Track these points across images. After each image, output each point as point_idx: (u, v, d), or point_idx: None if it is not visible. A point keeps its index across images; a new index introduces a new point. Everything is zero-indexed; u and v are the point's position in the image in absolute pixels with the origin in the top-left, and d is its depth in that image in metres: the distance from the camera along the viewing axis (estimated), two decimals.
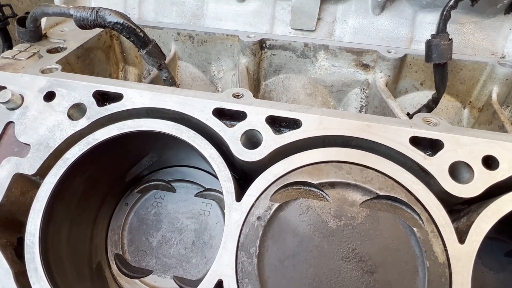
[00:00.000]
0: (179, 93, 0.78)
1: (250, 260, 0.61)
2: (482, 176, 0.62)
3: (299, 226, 0.64)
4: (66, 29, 1.16)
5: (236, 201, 0.65)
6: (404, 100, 1.15)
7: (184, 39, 1.21)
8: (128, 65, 1.32)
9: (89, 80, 0.81)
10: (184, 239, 1.00)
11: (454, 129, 0.67)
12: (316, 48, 1.11)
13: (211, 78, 1.29)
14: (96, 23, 0.88)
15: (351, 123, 0.69)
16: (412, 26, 1.09)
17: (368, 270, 0.60)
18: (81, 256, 0.89)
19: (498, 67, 1.00)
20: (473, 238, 0.58)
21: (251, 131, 0.71)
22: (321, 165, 0.67)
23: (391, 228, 0.62)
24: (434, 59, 0.90)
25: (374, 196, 0.64)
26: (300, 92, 1.20)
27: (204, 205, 1.03)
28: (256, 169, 0.69)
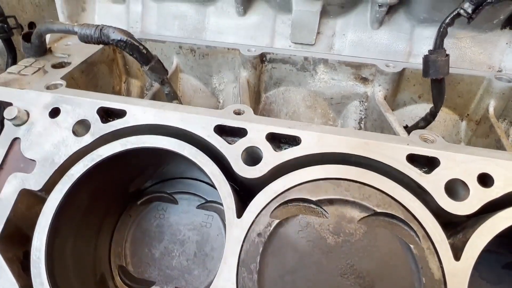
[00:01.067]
0: (182, 110, 0.80)
1: (251, 276, 0.63)
2: (478, 194, 0.63)
3: (299, 242, 0.65)
4: (70, 43, 1.18)
5: (237, 217, 0.67)
6: (403, 113, 1.17)
7: (186, 52, 1.23)
8: (131, 77, 1.34)
9: (93, 97, 0.83)
10: (186, 251, 1.01)
11: (450, 147, 0.69)
12: (315, 62, 1.13)
13: (213, 90, 1.31)
14: (100, 40, 0.91)
15: (350, 141, 0.71)
16: (410, 40, 1.11)
17: (366, 286, 0.61)
18: (85, 268, 0.91)
19: (495, 81, 1.01)
20: (469, 254, 0.60)
21: (252, 148, 0.73)
22: (320, 182, 0.68)
23: (388, 244, 0.63)
24: (431, 74, 0.92)
25: (371, 213, 0.65)
26: (300, 104, 1.22)
27: (205, 217, 1.04)
28: (257, 185, 0.70)
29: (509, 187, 0.64)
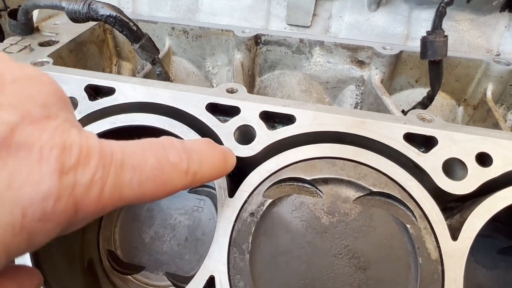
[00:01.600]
0: (173, 87, 0.77)
1: (242, 256, 0.61)
2: (476, 173, 0.62)
3: (292, 222, 0.63)
4: (59, 22, 1.14)
5: (229, 196, 0.65)
6: (399, 97, 1.15)
7: (179, 33, 1.20)
8: (122, 59, 1.31)
9: (81, 74, 0.80)
10: (177, 235, 0.99)
11: (448, 126, 0.67)
12: (311, 44, 1.11)
13: (206, 74, 1.28)
14: (88, 16, 0.87)
15: (345, 119, 0.69)
16: (408, 22, 1.09)
17: (360, 267, 0.60)
18: (72, 252, 0.89)
19: (493, 65, 1.00)
20: (466, 234, 0.58)
21: (245, 127, 0.71)
22: (314, 161, 0.66)
23: (384, 224, 0.62)
24: (429, 55, 0.90)
25: (367, 192, 0.64)
26: (295, 88, 1.19)
27: (197, 202, 1.02)
28: (250, 164, 0.68)
29: (508, 166, 0.62)
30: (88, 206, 0.34)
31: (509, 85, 1.01)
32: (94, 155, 0.35)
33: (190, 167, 0.44)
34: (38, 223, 0.31)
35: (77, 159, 0.33)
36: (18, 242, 0.30)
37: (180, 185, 0.44)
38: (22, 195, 0.29)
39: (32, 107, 0.33)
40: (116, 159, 0.36)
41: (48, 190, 0.30)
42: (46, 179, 0.31)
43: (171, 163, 0.42)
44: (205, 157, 0.48)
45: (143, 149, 0.41)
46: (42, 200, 0.30)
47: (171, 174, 0.42)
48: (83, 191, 0.33)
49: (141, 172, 0.38)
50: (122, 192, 0.37)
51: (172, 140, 0.45)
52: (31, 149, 0.31)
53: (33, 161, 0.30)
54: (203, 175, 0.47)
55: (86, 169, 0.33)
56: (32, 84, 0.35)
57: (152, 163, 0.40)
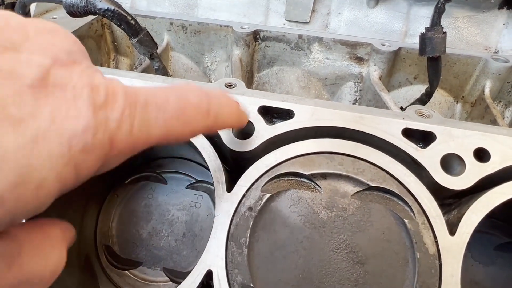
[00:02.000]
0: (170, 82, 0.77)
1: (240, 250, 0.61)
2: (474, 169, 0.62)
3: (290, 217, 0.63)
4: (56, 16, 1.13)
5: (227, 191, 0.65)
6: (398, 94, 1.15)
7: (177, 29, 1.20)
8: (120, 55, 1.30)
9: None
10: (174, 231, 0.99)
11: (447, 122, 0.67)
12: (310, 40, 1.11)
13: (204, 70, 1.27)
14: (86, 10, 0.87)
15: (344, 115, 0.69)
16: (407, 19, 1.09)
17: (358, 261, 0.60)
18: (70, 248, 0.88)
19: (491, 62, 1.00)
20: (464, 229, 0.58)
21: None
22: (313, 156, 0.66)
23: (382, 219, 0.62)
24: (428, 52, 0.90)
25: (365, 187, 0.63)
26: (294, 84, 1.19)
27: (195, 197, 1.02)
28: (248, 160, 0.68)
29: (506, 162, 0.62)
30: (121, 142, 0.36)
31: (507, 82, 1.01)
32: (120, 94, 0.37)
33: (211, 108, 0.46)
34: (82, 154, 0.33)
35: (106, 97, 0.35)
36: (68, 172, 0.32)
37: (203, 125, 0.45)
38: (65, 128, 0.32)
39: (59, 52, 0.36)
40: (141, 99, 0.38)
41: (87, 124, 0.33)
42: (83, 114, 0.33)
43: (192, 103, 0.44)
44: (224, 102, 0.50)
45: (164, 90, 0.42)
46: (82, 132, 0.33)
47: (193, 113, 0.44)
48: (115, 126, 0.35)
49: (165, 110, 0.40)
50: (149, 129, 0.39)
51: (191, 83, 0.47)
52: (66, 88, 0.33)
53: (69, 98, 0.33)
54: (224, 118, 0.49)
55: (115, 106, 0.36)
56: (54, 34, 0.37)
57: (174, 103, 0.42)
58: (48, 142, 0.31)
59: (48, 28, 0.38)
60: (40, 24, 0.37)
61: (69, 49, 0.37)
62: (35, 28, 0.36)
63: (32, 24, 0.36)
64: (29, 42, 0.34)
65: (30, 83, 0.31)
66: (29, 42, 0.34)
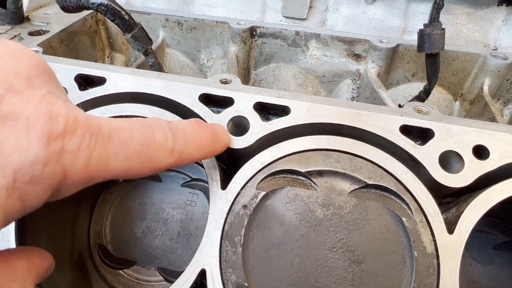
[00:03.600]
0: (165, 77, 0.75)
1: (235, 249, 0.60)
2: (473, 166, 0.61)
3: (286, 215, 0.62)
4: (50, 12, 1.11)
5: (222, 189, 0.63)
6: (396, 92, 1.14)
7: (173, 25, 1.18)
8: (115, 51, 1.29)
9: (71, 63, 0.78)
10: (169, 230, 0.97)
11: (445, 118, 0.66)
12: (307, 37, 1.09)
13: (200, 67, 1.26)
14: (79, 4, 0.85)
15: (341, 111, 0.68)
16: (405, 16, 1.08)
17: (355, 260, 0.59)
18: (62, 246, 0.87)
19: (490, 59, 0.99)
20: (462, 228, 0.57)
21: (238, 118, 0.69)
22: (309, 153, 0.65)
23: (379, 217, 0.61)
24: (426, 48, 0.89)
25: (362, 185, 0.62)
26: (291, 82, 1.18)
27: (190, 196, 1.00)
28: (243, 157, 0.67)
29: (505, 159, 0.61)
30: (76, 173, 0.36)
31: (506, 79, 1.01)
32: (80, 125, 0.36)
33: (175, 146, 0.46)
34: (29, 185, 0.33)
35: (64, 127, 0.35)
36: (12, 203, 0.32)
37: (166, 162, 0.46)
38: (12, 160, 0.31)
39: (16, 79, 0.35)
40: (103, 132, 0.38)
41: (36, 156, 0.33)
42: (34, 145, 0.33)
43: (157, 141, 0.44)
44: (192, 137, 0.50)
45: (130, 125, 0.42)
46: (31, 164, 0.32)
47: (157, 151, 0.44)
48: (71, 157, 0.35)
49: (127, 146, 0.40)
50: (109, 163, 0.39)
51: (158, 120, 0.47)
52: (18, 118, 0.33)
53: (20, 129, 0.32)
54: (189, 154, 0.49)
55: (73, 137, 0.35)
56: (15, 58, 0.37)
57: (138, 139, 0.42)
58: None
59: (12, 51, 0.37)
60: (4, 47, 0.37)
61: (29, 74, 0.36)
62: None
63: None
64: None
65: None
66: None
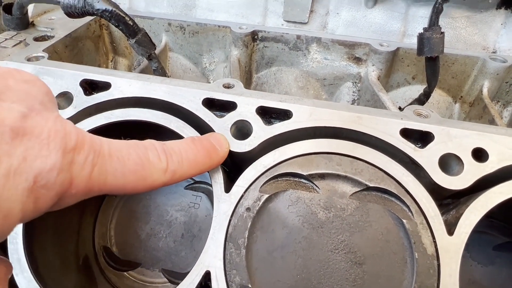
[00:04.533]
0: (169, 82, 0.76)
1: (239, 251, 0.61)
2: (472, 168, 0.62)
3: (288, 217, 0.63)
4: (54, 17, 1.13)
5: (225, 191, 0.65)
6: (396, 95, 1.15)
7: (175, 29, 1.19)
8: (118, 55, 1.30)
9: (76, 69, 0.80)
10: (173, 232, 0.99)
11: (445, 122, 0.67)
12: (308, 41, 1.10)
13: (203, 70, 1.27)
14: (84, 11, 0.86)
15: (342, 115, 0.69)
16: (405, 19, 1.09)
17: (357, 262, 0.60)
18: (67, 248, 0.88)
19: (489, 62, 1.00)
20: (462, 229, 0.58)
21: (241, 122, 0.70)
22: (311, 156, 0.66)
23: (380, 219, 0.62)
24: (426, 52, 0.90)
25: (364, 187, 0.63)
26: (292, 85, 1.19)
27: (194, 198, 1.01)
28: (246, 160, 0.68)
29: (504, 161, 0.62)
30: (80, 183, 0.41)
31: (505, 82, 1.01)
32: (87, 142, 0.43)
33: (169, 166, 0.52)
34: (43, 190, 0.38)
35: (75, 142, 0.41)
36: (29, 205, 0.37)
37: (159, 181, 0.51)
38: (34, 166, 0.37)
39: (35, 102, 0.41)
40: (104, 150, 0.45)
41: (54, 164, 0.38)
42: (53, 155, 0.38)
43: (151, 161, 0.49)
44: (186, 156, 0.55)
45: (127, 146, 0.48)
46: (49, 171, 0.38)
47: (151, 170, 0.49)
48: (78, 169, 0.41)
49: (124, 164, 0.46)
50: (107, 178, 0.44)
51: (153, 142, 0.53)
52: (41, 132, 0.38)
53: (43, 140, 0.38)
54: (184, 173, 0.55)
55: (81, 151, 0.42)
56: (30, 85, 0.43)
57: (134, 159, 0.48)
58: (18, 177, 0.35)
59: (26, 79, 0.43)
60: (19, 75, 0.42)
61: (43, 99, 0.42)
62: (15, 79, 0.41)
63: (12, 75, 0.42)
64: (10, 92, 0.39)
65: (10, 126, 0.36)
66: (10, 92, 0.39)
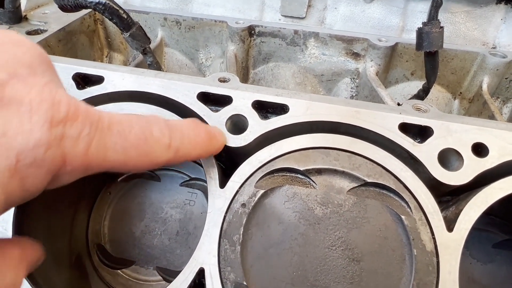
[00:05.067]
0: (163, 76, 0.75)
1: (233, 248, 0.59)
2: (472, 164, 0.61)
3: (285, 213, 0.62)
4: (48, 11, 1.11)
5: (220, 187, 0.63)
6: (395, 91, 1.14)
7: (171, 24, 1.18)
8: (113, 51, 1.28)
9: (68, 62, 0.78)
10: (168, 229, 0.97)
11: (444, 116, 0.66)
12: (306, 36, 1.09)
13: (199, 66, 1.26)
14: (77, 4, 0.85)
15: (340, 109, 0.67)
16: (404, 14, 1.08)
17: (354, 259, 0.58)
18: (60, 246, 0.86)
19: (489, 57, 0.99)
20: (462, 226, 0.57)
21: (237, 116, 0.69)
22: (308, 151, 0.65)
23: (378, 215, 0.60)
24: (425, 47, 0.89)
25: (361, 183, 0.62)
26: (290, 81, 1.18)
27: (189, 195, 1.00)
28: (242, 155, 0.67)
29: (504, 157, 0.61)
30: (75, 160, 0.37)
31: (505, 78, 1.00)
32: (81, 113, 0.37)
33: (172, 142, 0.48)
34: (30, 168, 0.33)
35: (66, 114, 0.36)
36: (14, 185, 0.33)
37: (163, 158, 0.47)
38: (16, 142, 0.32)
39: (19, 67, 0.36)
40: (103, 122, 0.39)
41: (39, 139, 0.33)
42: (36, 129, 0.33)
43: (154, 136, 0.45)
44: (188, 135, 0.52)
45: (129, 119, 0.44)
46: (33, 147, 0.33)
47: (154, 146, 0.45)
48: (71, 143, 0.36)
49: (125, 138, 0.41)
50: (107, 154, 0.40)
51: (157, 117, 0.49)
52: (22, 102, 0.33)
53: (24, 113, 0.33)
54: (186, 151, 0.51)
55: (74, 124, 0.36)
56: (18, 46, 0.38)
57: (137, 133, 0.43)
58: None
59: (13, 41, 0.38)
60: (5, 36, 0.38)
61: (31, 62, 0.37)
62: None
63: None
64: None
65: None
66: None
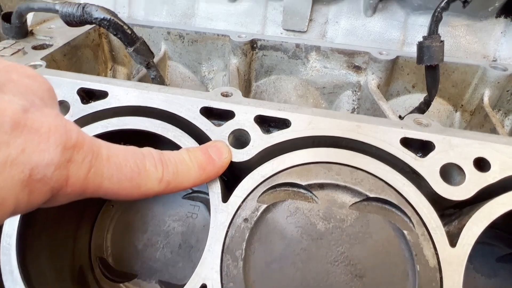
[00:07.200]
0: (166, 91, 0.76)
1: (236, 263, 0.59)
2: (474, 178, 0.61)
3: (287, 228, 0.62)
4: (53, 26, 1.13)
5: (223, 201, 0.63)
6: (396, 103, 1.14)
7: (175, 38, 1.19)
8: (117, 64, 1.30)
9: (73, 77, 0.79)
10: (170, 242, 0.97)
11: (446, 130, 0.66)
12: (307, 49, 1.10)
13: (202, 79, 1.27)
14: (82, 19, 0.86)
15: (341, 123, 0.68)
16: (404, 28, 1.09)
17: (357, 274, 0.58)
18: (62, 259, 0.86)
19: (489, 70, 0.99)
20: (465, 241, 0.57)
21: (239, 131, 0.70)
22: (310, 166, 0.65)
23: (381, 230, 0.60)
24: (425, 60, 0.89)
25: (364, 198, 0.62)
26: (292, 93, 1.18)
27: (191, 208, 1.00)
28: (244, 169, 0.67)
29: (506, 171, 0.61)
30: (75, 183, 0.41)
31: (506, 90, 1.01)
32: (86, 142, 0.42)
33: (164, 176, 0.52)
34: (39, 183, 0.37)
35: (76, 140, 0.41)
36: (23, 197, 0.36)
37: (153, 190, 0.51)
38: (31, 158, 0.36)
39: (35, 98, 0.40)
40: (103, 153, 0.44)
41: (52, 159, 0.38)
42: (51, 150, 0.38)
43: (147, 170, 0.50)
44: (181, 168, 0.56)
45: (125, 153, 0.48)
46: (46, 165, 0.37)
47: (146, 179, 0.49)
48: (75, 167, 0.40)
49: (121, 171, 0.46)
50: (103, 182, 0.44)
51: (151, 151, 0.53)
52: (42, 126, 0.38)
53: (43, 134, 0.37)
54: (178, 184, 0.55)
55: (80, 151, 0.41)
56: (33, 81, 0.42)
57: (131, 166, 0.48)
58: (15, 168, 0.35)
59: (29, 75, 0.43)
60: (22, 70, 0.43)
61: (43, 95, 0.42)
62: (17, 73, 0.41)
63: (15, 69, 0.42)
64: (12, 85, 0.39)
65: (11, 117, 0.35)
66: (12, 85, 0.39)
